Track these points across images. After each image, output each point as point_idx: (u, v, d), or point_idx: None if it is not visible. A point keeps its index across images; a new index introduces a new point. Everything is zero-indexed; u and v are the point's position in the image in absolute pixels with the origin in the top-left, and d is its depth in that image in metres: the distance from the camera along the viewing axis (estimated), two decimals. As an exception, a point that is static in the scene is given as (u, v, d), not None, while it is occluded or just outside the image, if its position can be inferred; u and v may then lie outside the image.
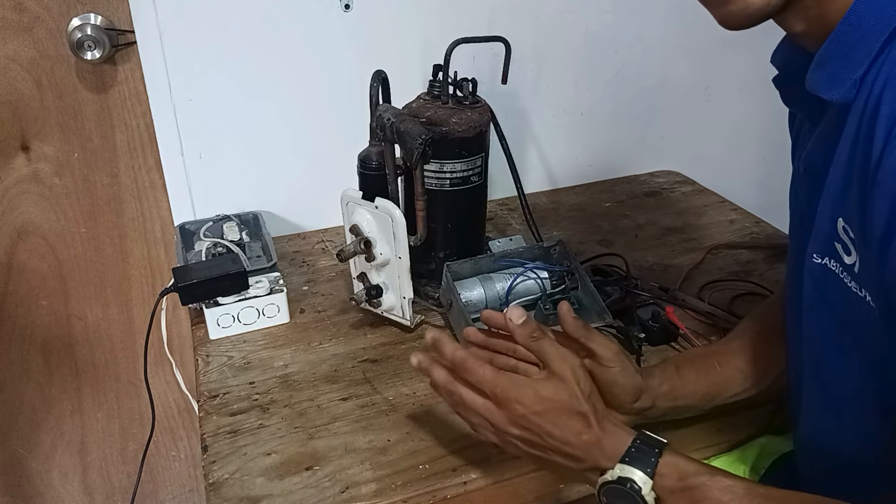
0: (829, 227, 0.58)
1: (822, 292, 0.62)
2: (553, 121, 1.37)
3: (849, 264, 0.57)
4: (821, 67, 0.56)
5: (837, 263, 0.58)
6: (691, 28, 1.37)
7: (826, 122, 0.60)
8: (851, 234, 0.55)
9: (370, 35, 1.16)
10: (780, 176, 1.66)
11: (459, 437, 0.80)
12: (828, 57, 0.55)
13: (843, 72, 0.54)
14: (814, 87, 0.57)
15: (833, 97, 0.55)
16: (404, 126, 0.84)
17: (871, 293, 0.55)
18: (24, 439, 1.38)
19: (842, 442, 0.66)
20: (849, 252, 0.56)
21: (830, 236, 0.58)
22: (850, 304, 0.57)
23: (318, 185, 1.20)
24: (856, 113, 0.53)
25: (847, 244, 0.56)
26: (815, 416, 0.69)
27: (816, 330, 0.65)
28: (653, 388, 0.76)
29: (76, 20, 1.09)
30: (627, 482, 0.59)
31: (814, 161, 0.62)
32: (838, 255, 0.58)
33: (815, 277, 0.62)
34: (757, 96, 1.49)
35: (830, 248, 0.59)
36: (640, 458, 0.60)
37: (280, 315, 0.99)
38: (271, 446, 0.79)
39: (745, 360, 0.80)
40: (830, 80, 0.55)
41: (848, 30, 0.54)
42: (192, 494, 1.56)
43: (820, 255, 0.60)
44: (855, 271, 0.56)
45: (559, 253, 0.99)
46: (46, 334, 1.31)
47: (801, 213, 0.67)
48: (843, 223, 0.56)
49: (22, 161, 1.17)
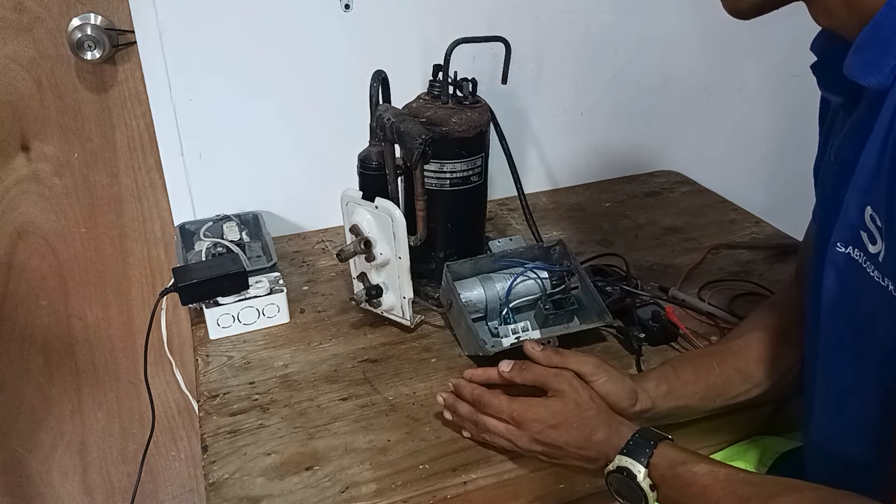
0: (855, 215, 0.58)
1: (843, 282, 0.62)
2: (553, 121, 1.37)
3: (873, 253, 0.56)
4: (859, 52, 0.56)
5: (861, 252, 0.58)
6: (691, 28, 1.37)
7: (860, 110, 0.60)
8: (879, 223, 0.55)
9: (370, 35, 1.16)
10: (781, 176, 1.67)
11: (459, 437, 0.80)
12: (867, 42, 0.55)
13: (881, 58, 0.54)
14: (851, 73, 0.57)
15: (870, 83, 0.55)
16: (404, 126, 0.84)
17: (894, 283, 0.55)
18: (24, 439, 1.38)
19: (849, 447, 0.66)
20: (874, 241, 0.56)
21: (857, 225, 0.58)
22: (871, 294, 0.57)
23: (318, 185, 1.20)
24: (892, 100, 0.53)
25: (873, 233, 0.56)
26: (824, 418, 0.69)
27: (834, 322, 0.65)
28: (650, 389, 0.76)
29: (76, 20, 1.09)
30: (625, 471, 0.67)
31: (846, 150, 0.62)
32: (863, 243, 0.58)
33: (838, 267, 0.62)
34: (757, 96, 1.49)
35: (856, 237, 0.58)
36: (637, 449, 0.67)
37: (280, 315, 0.99)
38: (271, 446, 0.79)
39: (745, 360, 0.80)
40: (868, 65, 0.55)
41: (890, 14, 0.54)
42: (192, 494, 1.56)
43: (844, 244, 0.60)
44: (879, 260, 0.56)
45: (559, 253, 0.99)
46: (46, 334, 1.31)
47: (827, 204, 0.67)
48: (871, 211, 0.56)
49: (22, 161, 1.17)
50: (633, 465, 0.66)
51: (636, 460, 0.66)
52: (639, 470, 0.66)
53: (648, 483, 0.66)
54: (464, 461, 0.77)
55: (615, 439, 0.69)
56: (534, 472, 0.77)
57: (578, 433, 0.70)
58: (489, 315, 0.96)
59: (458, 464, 0.77)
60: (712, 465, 0.64)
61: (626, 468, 0.66)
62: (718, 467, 0.64)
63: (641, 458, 0.66)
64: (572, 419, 0.70)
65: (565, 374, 0.73)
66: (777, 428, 0.90)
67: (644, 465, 0.66)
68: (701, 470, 0.63)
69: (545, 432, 0.71)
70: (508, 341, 0.90)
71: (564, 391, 0.72)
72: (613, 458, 0.68)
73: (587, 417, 0.70)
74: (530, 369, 0.75)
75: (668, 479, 0.65)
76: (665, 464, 0.65)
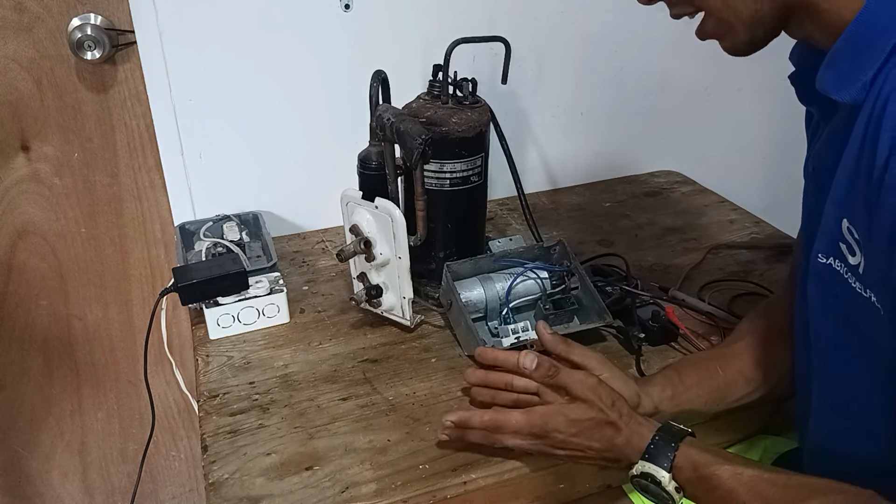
0: (833, 227, 0.58)
1: (826, 292, 0.62)
2: (553, 121, 1.37)
3: (853, 265, 0.57)
4: (832, 67, 0.56)
5: (842, 264, 0.58)
6: (691, 28, 1.37)
7: (836, 121, 0.60)
8: (856, 235, 0.55)
9: (370, 35, 1.16)
10: (781, 176, 1.66)
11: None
12: (839, 56, 0.55)
13: (853, 72, 0.53)
14: (824, 87, 0.57)
15: (843, 98, 0.55)
16: (404, 126, 0.84)
17: (876, 294, 0.55)
18: (24, 439, 1.38)
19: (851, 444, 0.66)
20: (853, 253, 0.56)
21: (835, 236, 0.58)
22: (854, 304, 0.57)
23: (317, 185, 1.20)
24: (864, 114, 0.53)
25: (852, 245, 0.56)
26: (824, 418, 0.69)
27: (823, 331, 0.65)
28: (654, 393, 0.76)
29: (76, 20, 1.09)
30: (649, 477, 0.66)
31: (823, 160, 0.62)
32: (843, 255, 0.58)
33: (820, 277, 0.62)
34: (757, 96, 1.49)
35: (835, 249, 0.59)
36: (659, 453, 0.66)
37: (280, 315, 0.99)
38: (271, 446, 0.79)
39: (747, 363, 0.80)
40: (841, 80, 0.55)
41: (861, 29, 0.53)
42: (192, 494, 1.56)
43: (825, 254, 0.60)
44: (860, 272, 0.56)
45: (559, 253, 0.99)
46: (46, 334, 1.31)
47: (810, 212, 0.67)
48: (847, 224, 0.56)
49: (22, 161, 1.17)
50: (658, 471, 0.65)
51: (659, 466, 0.66)
52: (663, 476, 0.65)
53: (674, 486, 0.65)
54: (464, 461, 0.77)
55: (636, 441, 0.68)
56: (534, 472, 0.77)
57: (601, 438, 0.69)
58: (489, 315, 0.96)
59: (458, 464, 0.77)
60: (736, 465, 0.63)
61: (651, 474, 0.66)
62: (743, 468, 0.63)
63: (664, 463, 0.65)
64: (593, 426, 0.69)
65: (590, 380, 0.72)
66: (776, 428, 0.90)
67: (667, 469, 0.65)
68: (725, 473, 0.63)
69: (567, 440, 0.70)
70: (508, 341, 0.90)
71: (587, 397, 0.70)
72: (636, 461, 0.67)
73: (609, 422, 0.69)
74: (556, 375, 0.73)
75: (693, 481, 0.65)
76: (689, 466, 0.65)
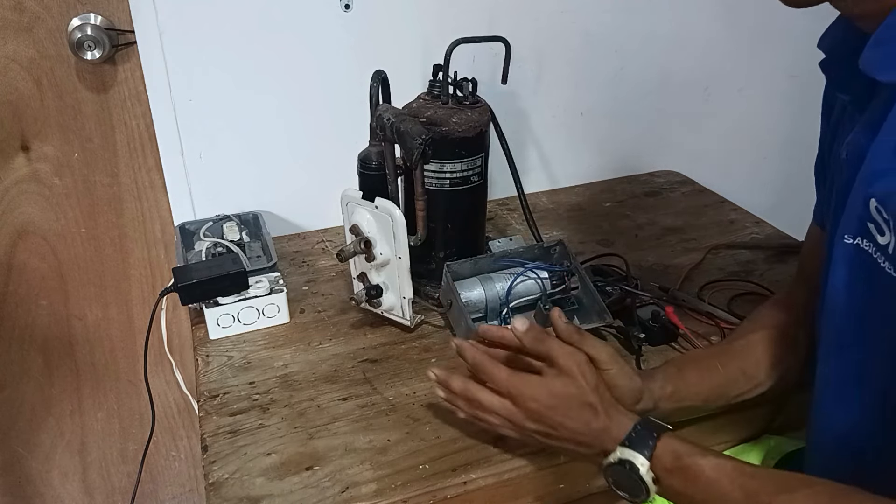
0: (861, 207, 0.57)
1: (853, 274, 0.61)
2: (553, 121, 1.37)
3: (883, 244, 0.56)
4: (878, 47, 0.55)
5: (871, 243, 0.57)
6: (691, 28, 1.37)
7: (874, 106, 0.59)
8: (885, 215, 0.54)
9: (370, 35, 1.16)
10: (781, 176, 1.67)
11: (459, 437, 0.80)
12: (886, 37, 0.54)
13: None
14: (868, 67, 0.56)
15: (888, 78, 0.54)
16: (404, 126, 0.84)
17: None
18: (24, 439, 1.38)
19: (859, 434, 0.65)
20: (882, 232, 0.55)
21: (863, 217, 0.57)
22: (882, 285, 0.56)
23: (317, 185, 1.20)
24: None
25: (881, 224, 0.55)
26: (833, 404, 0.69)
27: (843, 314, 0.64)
28: (654, 389, 0.76)
29: (76, 20, 1.09)
30: (627, 463, 0.65)
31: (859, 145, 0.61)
32: (871, 235, 0.57)
33: (848, 259, 0.61)
34: (757, 96, 1.49)
35: (863, 228, 0.58)
36: (640, 441, 0.65)
37: (280, 315, 0.99)
38: (271, 446, 0.79)
39: (747, 361, 0.80)
40: (887, 60, 0.54)
41: None
42: (192, 494, 1.56)
43: (852, 235, 0.59)
44: (889, 252, 0.55)
45: (559, 253, 0.99)
46: (46, 334, 1.31)
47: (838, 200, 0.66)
48: (875, 203, 0.55)
49: (22, 161, 1.17)
50: (636, 457, 0.65)
51: (639, 452, 0.65)
52: (642, 463, 0.64)
53: (651, 476, 0.64)
54: (464, 461, 0.77)
55: (615, 430, 0.67)
56: (534, 472, 0.77)
57: (576, 418, 0.68)
58: (489, 315, 0.96)
59: (458, 464, 0.77)
60: (718, 457, 0.63)
61: (629, 461, 0.65)
62: (725, 460, 0.63)
63: (644, 451, 0.65)
64: (571, 402, 0.68)
65: (578, 356, 0.70)
66: (780, 428, 0.90)
67: (647, 457, 0.64)
68: (707, 463, 0.62)
69: (542, 412, 0.68)
70: (508, 341, 0.90)
71: (571, 372, 0.68)
72: (612, 450, 0.66)
73: (588, 403, 0.68)
74: (544, 341, 0.71)
75: (673, 471, 0.64)
76: (669, 456, 0.64)
